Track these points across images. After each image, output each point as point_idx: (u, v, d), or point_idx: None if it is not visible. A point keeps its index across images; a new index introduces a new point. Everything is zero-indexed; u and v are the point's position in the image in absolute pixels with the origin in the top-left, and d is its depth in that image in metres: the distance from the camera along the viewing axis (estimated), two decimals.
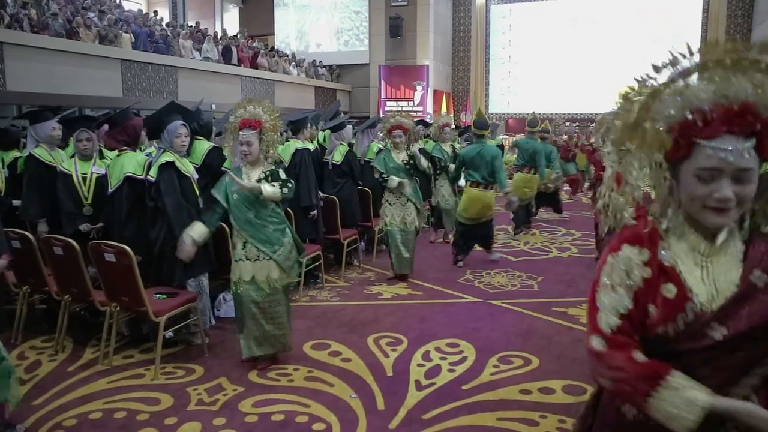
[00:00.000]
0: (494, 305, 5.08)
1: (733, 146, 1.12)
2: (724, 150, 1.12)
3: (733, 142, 1.12)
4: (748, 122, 1.11)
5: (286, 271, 3.71)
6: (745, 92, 1.12)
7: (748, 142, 1.12)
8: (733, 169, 1.13)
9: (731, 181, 1.14)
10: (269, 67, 17.04)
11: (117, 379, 3.61)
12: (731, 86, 1.12)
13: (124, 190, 4.11)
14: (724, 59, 1.13)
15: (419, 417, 3.16)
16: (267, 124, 3.60)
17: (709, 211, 1.17)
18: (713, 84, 1.14)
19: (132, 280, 3.55)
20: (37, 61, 9.71)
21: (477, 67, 20.77)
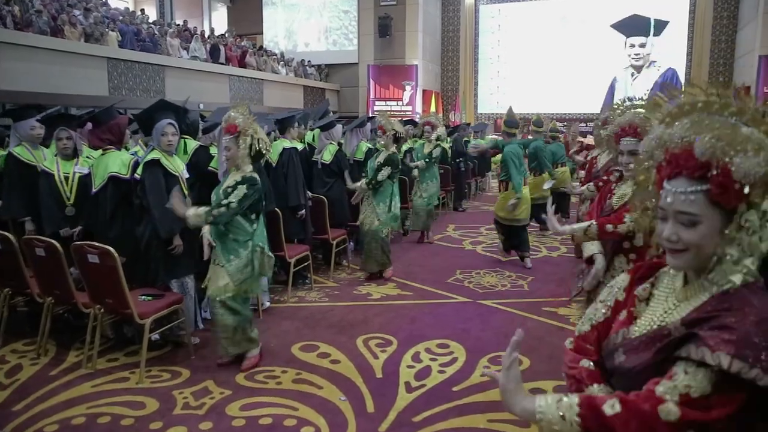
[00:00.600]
0: (484, 305, 5.06)
1: (679, 188, 1.13)
2: (667, 191, 1.15)
3: (683, 185, 1.13)
4: (693, 165, 1.11)
5: (234, 284, 3.63)
6: (693, 135, 1.12)
7: (696, 186, 1.11)
8: (673, 210, 1.14)
9: (676, 224, 1.14)
10: (258, 66, 16.94)
11: (101, 383, 3.53)
12: (693, 128, 1.13)
13: (109, 189, 4.05)
14: (695, 103, 1.16)
15: (409, 419, 3.12)
16: (241, 128, 3.59)
17: (667, 251, 1.19)
18: (684, 127, 1.15)
19: (116, 282, 3.48)
20: (21, 60, 9.56)
21: (466, 67, 20.78)
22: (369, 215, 5.73)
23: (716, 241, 1.13)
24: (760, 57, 15.11)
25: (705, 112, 1.14)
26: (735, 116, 1.12)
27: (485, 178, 13.91)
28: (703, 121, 1.12)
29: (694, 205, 1.12)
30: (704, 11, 17.73)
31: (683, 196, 1.12)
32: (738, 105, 1.12)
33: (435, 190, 7.64)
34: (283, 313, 4.83)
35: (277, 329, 4.44)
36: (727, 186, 1.08)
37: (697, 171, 1.11)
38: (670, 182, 1.15)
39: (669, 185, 1.15)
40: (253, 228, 3.69)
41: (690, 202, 1.12)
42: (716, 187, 1.10)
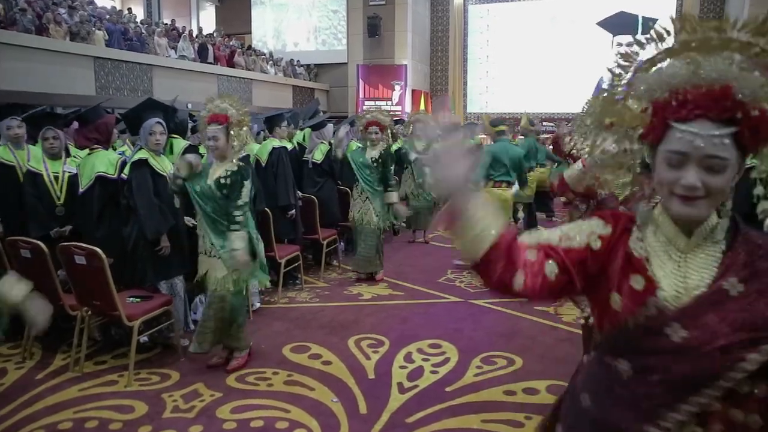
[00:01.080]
0: (476, 305, 5.04)
1: (705, 131, 1.05)
2: (693, 134, 1.06)
3: (707, 127, 1.05)
4: (725, 107, 1.04)
5: (230, 273, 3.59)
6: (726, 74, 1.04)
7: (724, 129, 1.05)
8: (702, 155, 1.06)
9: (700, 169, 1.07)
10: (246, 65, 16.83)
11: (88, 387, 3.47)
12: (713, 67, 1.06)
13: (96, 190, 3.98)
14: (709, 38, 1.08)
15: (403, 420, 3.09)
16: (234, 119, 3.54)
17: (676, 199, 1.11)
18: (695, 64, 1.07)
19: (104, 283, 3.42)
20: (5, 58, 9.41)
21: (455, 67, 20.78)
22: (366, 212, 5.66)
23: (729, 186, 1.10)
24: None
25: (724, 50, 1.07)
26: (737, 52, 1.06)
27: None
28: (712, 58, 1.06)
29: (726, 148, 1.05)
30: (691, 11, 17.87)
31: (716, 139, 1.04)
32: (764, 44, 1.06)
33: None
34: (273, 314, 4.78)
35: (267, 330, 4.39)
36: (761, 127, 1.04)
37: (727, 113, 1.04)
38: (688, 124, 1.06)
39: (690, 127, 1.06)
40: (245, 216, 3.64)
41: (723, 145, 1.04)
42: (750, 129, 1.04)
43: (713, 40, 1.08)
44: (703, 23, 1.11)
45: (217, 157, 3.63)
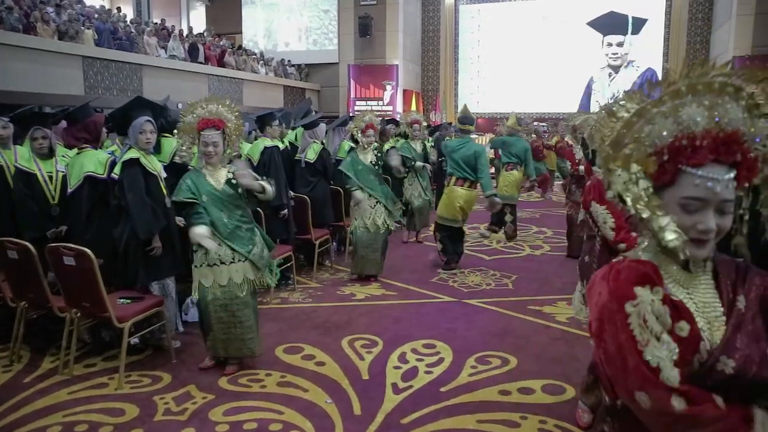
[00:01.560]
0: (469, 305, 5.02)
1: (720, 176, 1.09)
2: (712, 180, 1.08)
3: (720, 172, 1.09)
4: (733, 151, 1.09)
5: (261, 270, 3.65)
6: (736, 120, 1.09)
7: (731, 172, 1.10)
8: (719, 200, 1.10)
9: (717, 213, 1.11)
10: (237, 65, 16.75)
11: (78, 390, 3.41)
12: (724, 112, 1.09)
13: (85, 189, 3.92)
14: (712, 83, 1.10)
15: (398, 421, 3.06)
16: (231, 124, 3.52)
17: (690, 243, 1.13)
18: (706, 108, 1.09)
19: (93, 285, 3.37)
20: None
21: (446, 67, 20.79)
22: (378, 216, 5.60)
23: None
24: (734, 57, 15.34)
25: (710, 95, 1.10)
26: (743, 100, 1.11)
27: None
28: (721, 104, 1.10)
29: (732, 191, 1.11)
30: (680, 12, 17.96)
31: (729, 183, 1.09)
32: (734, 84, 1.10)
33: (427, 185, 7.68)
34: (266, 315, 4.73)
35: (260, 331, 4.33)
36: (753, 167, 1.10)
37: (732, 156, 1.09)
38: (703, 169, 1.08)
39: (706, 172, 1.08)
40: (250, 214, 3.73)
41: (732, 188, 1.11)
42: (748, 171, 1.10)
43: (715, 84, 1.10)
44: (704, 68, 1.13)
45: (211, 164, 3.57)
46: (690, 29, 18.14)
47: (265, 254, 3.70)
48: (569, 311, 4.79)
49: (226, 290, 3.56)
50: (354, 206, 5.66)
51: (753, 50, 15.14)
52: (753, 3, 15.02)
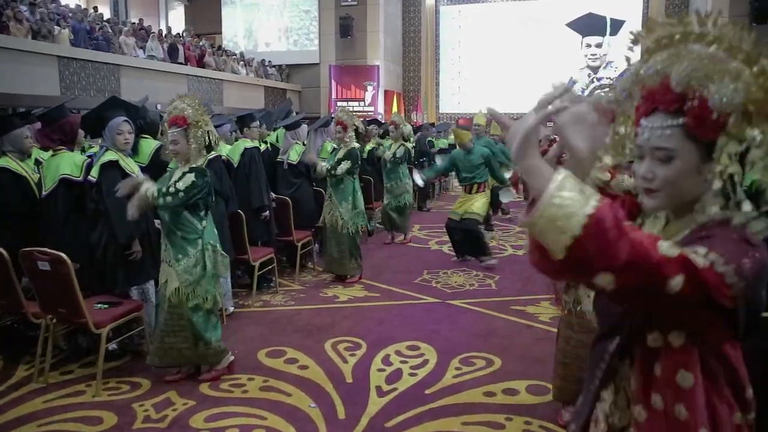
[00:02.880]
0: (453, 305, 5.01)
1: (654, 124, 1.09)
2: (644, 128, 1.11)
3: (659, 120, 1.08)
4: (669, 99, 1.06)
5: (183, 285, 3.39)
6: (666, 65, 1.07)
7: (672, 120, 1.07)
8: (650, 147, 1.10)
9: (653, 161, 1.10)
10: (217, 66, 16.60)
11: (54, 398, 3.32)
12: (658, 59, 1.09)
13: (60, 192, 3.82)
14: (673, 35, 1.09)
15: (382, 425, 3.03)
16: (191, 120, 3.40)
17: (641, 191, 1.14)
18: (661, 59, 1.09)
19: (69, 290, 3.28)
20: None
21: (427, 68, 20.85)
22: (333, 214, 5.62)
23: (693, 178, 1.09)
24: None
25: (683, 44, 1.08)
26: (713, 44, 1.06)
27: (448, 177, 13.94)
28: (680, 52, 1.07)
29: (670, 139, 1.07)
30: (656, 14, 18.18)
31: (659, 131, 1.08)
32: (715, 32, 1.06)
33: (404, 189, 7.56)
34: (247, 318, 4.67)
35: (241, 335, 4.29)
36: (704, 117, 1.03)
37: (673, 104, 1.06)
38: (647, 119, 1.11)
39: (645, 122, 1.11)
40: (202, 225, 3.48)
41: (666, 136, 1.08)
42: (693, 119, 1.05)
43: (676, 35, 1.09)
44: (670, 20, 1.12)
45: (180, 162, 3.50)
46: None
47: (196, 273, 3.41)
48: (552, 311, 4.80)
49: (161, 292, 3.52)
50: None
51: None
52: (727, 6, 15.27)
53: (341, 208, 5.57)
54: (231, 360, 3.65)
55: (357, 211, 5.68)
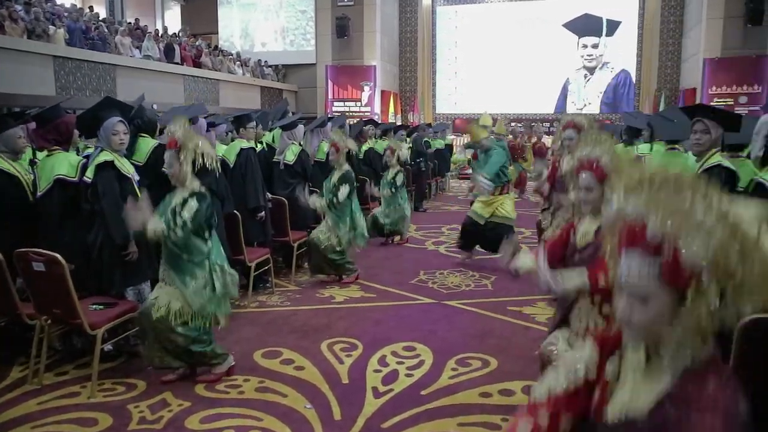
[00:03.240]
0: (449, 306, 5.01)
1: (632, 263, 1.10)
2: (623, 263, 1.13)
3: (637, 259, 1.10)
4: (646, 243, 1.08)
5: (191, 307, 3.37)
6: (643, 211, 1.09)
7: (650, 262, 1.08)
8: (627, 285, 1.12)
9: (630, 298, 1.12)
10: (213, 66, 16.56)
11: (48, 400, 3.31)
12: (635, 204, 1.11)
13: (55, 193, 3.80)
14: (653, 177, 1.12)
15: (378, 426, 3.03)
16: (181, 142, 3.38)
17: (621, 324, 1.17)
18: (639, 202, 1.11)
19: (64, 291, 3.26)
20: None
21: (424, 68, 20.84)
22: (325, 233, 5.56)
23: (669, 319, 1.10)
24: (704, 60, 15.66)
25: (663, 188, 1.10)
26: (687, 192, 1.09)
27: (445, 178, 13.96)
28: (659, 198, 1.09)
29: (645, 281, 1.09)
30: (653, 15, 18.26)
31: (636, 270, 1.10)
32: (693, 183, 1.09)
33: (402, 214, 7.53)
34: (243, 319, 4.66)
35: (237, 335, 4.28)
36: (677, 269, 1.05)
37: (649, 249, 1.08)
38: (626, 254, 1.12)
39: (625, 258, 1.13)
40: (207, 246, 3.46)
41: (642, 278, 1.09)
42: (667, 267, 1.06)
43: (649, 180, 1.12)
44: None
45: (176, 183, 3.48)
46: (662, 32, 18.47)
47: (206, 295, 3.40)
48: (549, 312, 4.81)
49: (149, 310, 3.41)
50: None
51: (723, 52, 15.49)
52: (722, 7, 15.35)
53: (339, 231, 5.54)
54: (231, 364, 3.63)
55: (358, 231, 5.65)
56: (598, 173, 2.56)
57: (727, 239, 1.02)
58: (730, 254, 1.01)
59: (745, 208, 1.07)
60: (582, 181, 2.64)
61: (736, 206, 1.07)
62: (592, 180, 2.58)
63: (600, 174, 2.55)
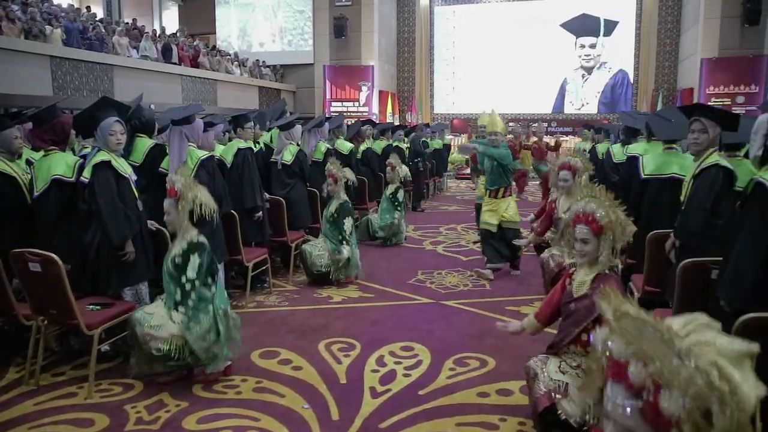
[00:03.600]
0: (447, 306, 5.00)
1: (617, 397, 1.12)
2: (607, 396, 1.15)
3: (621, 394, 1.12)
4: (628, 383, 1.10)
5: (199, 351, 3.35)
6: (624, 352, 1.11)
7: (632, 399, 1.10)
8: (613, 419, 1.14)
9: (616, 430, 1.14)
10: (211, 66, 16.54)
11: (45, 400, 3.30)
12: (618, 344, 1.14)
13: (52, 193, 3.79)
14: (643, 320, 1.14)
15: (376, 426, 3.02)
16: (180, 192, 3.40)
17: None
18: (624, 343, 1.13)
19: (61, 291, 3.25)
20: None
21: (422, 68, 20.83)
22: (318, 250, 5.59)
23: None
24: (702, 60, 15.67)
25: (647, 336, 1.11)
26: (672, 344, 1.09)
27: (443, 178, 13.96)
28: (643, 341, 1.10)
29: (629, 419, 1.10)
30: (650, 15, 18.28)
31: (620, 408, 1.12)
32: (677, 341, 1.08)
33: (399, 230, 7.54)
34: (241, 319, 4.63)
35: None
36: (657, 413, 1.06)
37: (631, 388, 1.10)
38: (611, 386, 1.15)
39: (610, 390, 1.15)
40: (212, 292, 3.48)
41: (626, 416, 1.11)
42: (648, 409, 1.08)
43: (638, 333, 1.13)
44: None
45: (174, 230, 3.51)
46: (660, 32, 18.48)
47: (210, 339, 3.38)
48: None
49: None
50: None
51: (720, 52, 15.50)
52: (719, 7, 15.37)
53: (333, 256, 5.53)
54: (228, 364, 3.61)
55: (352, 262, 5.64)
56: (594, 227, 2.71)
57: (706, 391, 1.01)
58: (709, 403, 1.02)
59: (730, 344, 1.07)
60: (578, 233, 2.77)
61: (721, 341, 1.08)
62: (589, 233, 2.73)
63: (596, 228, 2.71)
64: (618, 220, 2.69)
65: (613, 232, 2.69)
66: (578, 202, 2.82)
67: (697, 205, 3.65)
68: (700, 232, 3.60)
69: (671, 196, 4.26)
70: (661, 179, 4.39)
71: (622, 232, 2.72)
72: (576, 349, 2.84)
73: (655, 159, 4.50)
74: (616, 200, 2.76)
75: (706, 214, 3.59)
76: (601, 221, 2.67)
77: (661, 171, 4.42)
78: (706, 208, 3.60)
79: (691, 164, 4.03)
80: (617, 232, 2.70)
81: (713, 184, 3.60)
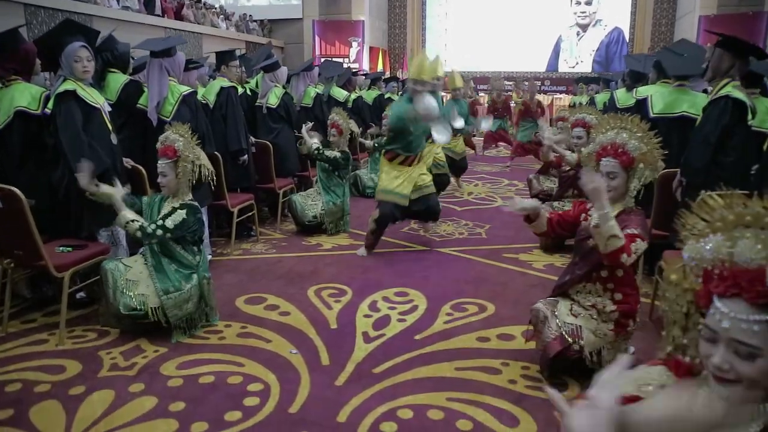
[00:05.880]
0: (443, 253, 4.79)
1: (738, 314, 0.98)
2: (722, 313, 1.00)
3: (744, 311, 0.97)
4: (759, 292, 0.96)
5: (167, 315, 3.10)
6: (759, 257, 0.97)
7: (757, 315, 0.96)
8: (728, 337, 0.99)
9: (729, 351, 1.00)
10: (196, 19, 15.92)
11: (12, 347, 3.06)
12: (745, 249, 0.99)
13: (15, 127, 3.48)
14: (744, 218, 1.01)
15: (369, 371, 2.82)
16: (181, 153, 3.12)
17: (712, 376, 1.05)
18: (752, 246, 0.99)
19: (25, 229, 2.98)
20: None
21: (414, 24, 20.24)
22: (309, 202, 5.34)
23: None
24: (699, 17, 15.28)
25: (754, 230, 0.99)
26: None
27: None
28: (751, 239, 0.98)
29: (756, 336, 0.96)
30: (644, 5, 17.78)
31: (745, 324, 0.97)
32: None
33: None
34: (225, 266, 4.41)
35: (218, 282, 4.00)
36: None
37: (762, 299, 0.95)
38: (724, 302, 1.00)
39: (724, 306, 1.00)
40: (197, 260, 3.24)
41: (753, 333, 0.96)
42: None
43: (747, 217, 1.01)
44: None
45: (168, 194, 3.24)
46: (656, 11, 17.99)
47: (187, 309, 3.15)
48: (546, 258, 4.61)
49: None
50: None
51: (718, 9, 15.10)
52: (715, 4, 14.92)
53: (326, 206, 5.28)
54: None
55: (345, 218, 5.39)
56: (624, 159, 2.47)
57: None
58: None
59: None
60: (604, 166, 2.53)
61: None
62: (617, 166, 2.49)
63: (626, 160, 2.47)
64: (652, 153, 2.47)
65: (645, 165, 2.47)
66: (605, 134, 2.58)
67: (703, 140, 3.44)
68: (704, 168, 3.39)
69: (681, 137, 4.03)
70: (670, 118, 4.14)
71: (654, 168, 2.51)
72: (593, 287, 2.63)
73: (664, 97, 4.24)
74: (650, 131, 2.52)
75: (710, 150, 3.37)
76: (633, 153, 2.46)
77: (671, 109, 4.17)
78: (711, 142, 3.38)
79: (703, 102, 3.79)
80: (649, 167, 2.49)
81: (720, 117, 3.37)
